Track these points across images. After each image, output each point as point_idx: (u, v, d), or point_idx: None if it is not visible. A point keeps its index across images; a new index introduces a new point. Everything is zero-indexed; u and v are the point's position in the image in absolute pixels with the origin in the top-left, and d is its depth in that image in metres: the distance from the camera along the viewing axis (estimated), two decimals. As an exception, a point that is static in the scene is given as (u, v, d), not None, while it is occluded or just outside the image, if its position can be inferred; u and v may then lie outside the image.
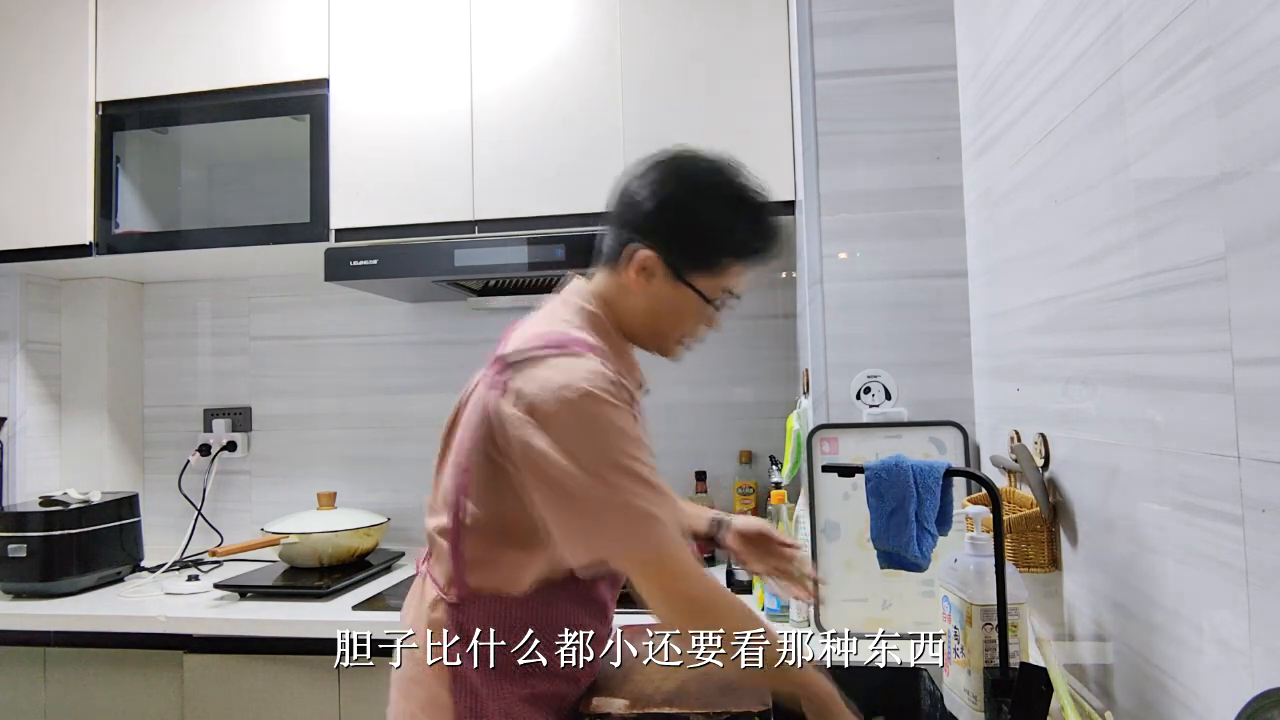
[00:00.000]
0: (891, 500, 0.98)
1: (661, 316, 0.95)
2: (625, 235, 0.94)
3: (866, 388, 1.39)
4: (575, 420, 0.81)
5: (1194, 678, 0.73)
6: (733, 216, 0.93)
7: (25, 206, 1.88)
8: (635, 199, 0.94)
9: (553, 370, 0.83)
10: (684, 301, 0.93)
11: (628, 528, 0.81)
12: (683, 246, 0.92)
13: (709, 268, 0.92)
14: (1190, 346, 0.71)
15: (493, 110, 1.72)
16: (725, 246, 0.92)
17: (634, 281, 0.93)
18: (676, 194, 0.92)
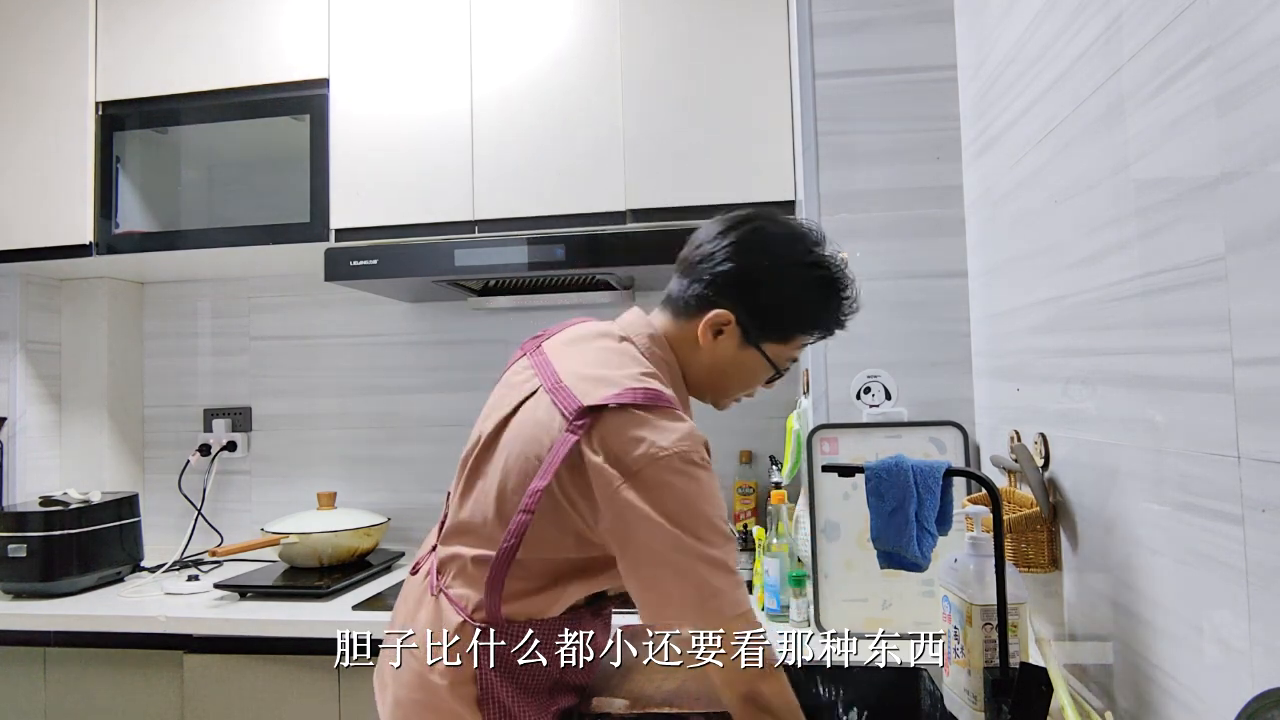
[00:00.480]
0: (891, 500, 0.98)
1: (725, 375, 0.96)
2: (700, 290, 0.92)
3: (866, 388, 1.39)
4: (676, 484, 0.80)
5: (1194, 678, 0.73)
6: (813, 294, 0.92)
7: (25, 206, 1.88)
8: (713, 258, 0.92)
9: (650, 430, 0.81)
10: (751, 365, 0.95)
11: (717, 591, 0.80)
12: (760, 314, 0.92)
13: (782, 339, 0.94)
14: (1190, 346, 0.71)
15: (493, 110, 1.72)
16: (802, 321, 0.94)
17: (704, 338, 0.93)
18: (760, 262, 0.91)
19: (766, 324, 0.92)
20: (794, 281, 0.91)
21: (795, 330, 0.94)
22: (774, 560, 1.42)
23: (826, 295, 0.92)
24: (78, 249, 1.85)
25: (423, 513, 2.07)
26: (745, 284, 0.91)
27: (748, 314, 0.91)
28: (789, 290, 0.91)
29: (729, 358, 0.94)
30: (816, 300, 0.92)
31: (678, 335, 0.95)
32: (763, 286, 0.91)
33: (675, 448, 0.80)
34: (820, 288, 0.92)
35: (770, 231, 0.93)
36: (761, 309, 0.91)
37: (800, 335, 0.94)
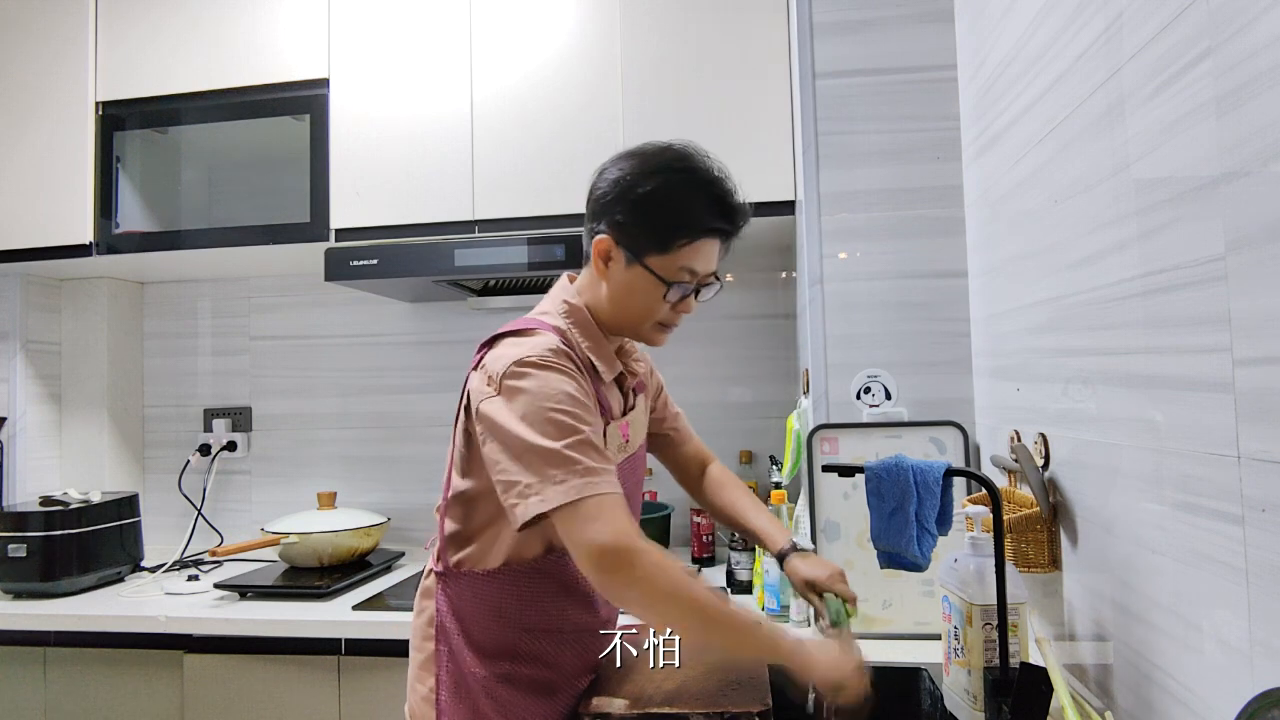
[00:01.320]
0: (891, 500, 0.98)
1: (626, 300, 0.96)
2: (591, 226, 0.98)
3: (866, 388, 1.39)
4: (522, 385, 0.86)
5: (1194, 678, 0.73)
6: (679, 194, 0.92)
7: (25, 206, 1.88)
8: (595, 190, 0.98)
9: (512, 346, 0.91)
10: (643, 283, 0.94)
11: (550, 473, 0.82)
12: (635, 228, 0.93)
13: (660, 247, 0.93)
14: (1190, 346, 0.71)
15: (493, 110, 1.72)
16: (671, 223, 0.92)
17: (599, 269, 0.96)
18: (624, 177, 0.94)
19: (640, 235, 0.92)
20: (655, 186, 0.91)
21: (669, 235, 0.92)
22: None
23: (690, 192, 0.92)
24: (78, 249, 1.86)
25: (423, 513, 2.07)
26: (612, 203, 0.93)
27: (623, 231, 0.93)
28: (653, 196, 0.91)
29: (621, 281, 0.95)
30: (681, 199, 0.92)
31: (587, 278, 1.00)
32: (628, 199, 0.92)
33: (526, 355, 0.88)
34: (682, 186, 0.92)
35: (636, 150, 0.96)
36: (632, 221, 0.92)
37: (677, 239, 0.92)
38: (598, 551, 0.81)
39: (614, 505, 0.83)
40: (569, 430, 0.84)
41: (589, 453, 0.84)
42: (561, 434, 0.84)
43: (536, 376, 0.87)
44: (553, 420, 0.84)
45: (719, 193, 0.93)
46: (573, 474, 0.82)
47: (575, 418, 0.85)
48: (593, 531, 0.81)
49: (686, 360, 2.03)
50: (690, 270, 0.94)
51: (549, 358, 0.88)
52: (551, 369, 0.88)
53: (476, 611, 0.95)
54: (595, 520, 0.81)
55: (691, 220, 0.92)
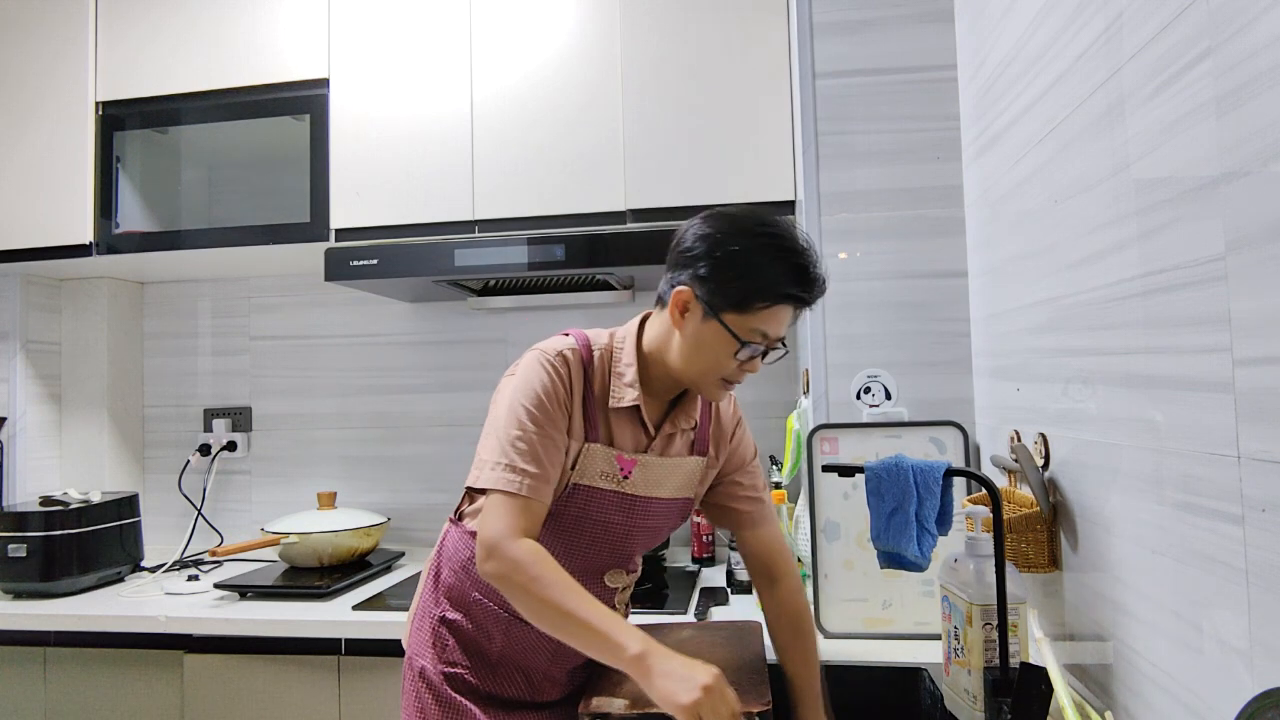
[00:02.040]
0: (891, 500, 0.98)
1: (696, 353, 0.99)
2: (671, 276, 1.01)
3: (866, 388, 1.39)
4: (516, 372, 1.02)
5: (1194, 678, 0.73)
6: (763, 258, 0.95)
7: (25, 206, 1.88)
8: (681, 243, 1.01)
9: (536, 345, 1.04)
10: (714, 338, 0.97)
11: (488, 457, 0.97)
12: (716, 285, 0.96)
13: (739, 307, 0.95)
14: (1190, 346, 0.71)
15: (493, 110, 1.72)
16: (753, 286, 0.94)
17: (674, 318, 1.00)
18: (713, 235, 0.97)
19: (720, 292, 0.95)
20: (742, 248, 0.95)
21: (749, 297, 0.94)
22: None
23: (774, 258, 0.94)
24: (78, 249, 1.85)
25: (423, 513, 2.08)
26: (699, 257, 0.97)
27: (702, 286, 0.96)
28: (739, 255, 0.95)
29: (694, 333, 0.99)
30: (764, 264, 0.94)
31: (660, 324, 1.04)
32: (713, 257, 0.96)
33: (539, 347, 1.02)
34: (767, 251, 0.94)
35: (727, 211, 1.00)
36: (714, 278, 0.96)
37: (755, 302, 0.94)
38: (481, 544, 0.94)
39: (511, 505, 0.95)
40: (518, 425, 0.97)
41: (521, 451, 0.96)
42: (512, 426, 0.97)
43: (527, 368, 1.00)
44: (514, 412, 0.97)
45: (803, 263, 0.96)
46: (498, 466, 0.96)
47: (530, 415, 0.97)
48: (487, 524, 0.94)
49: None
50: (763, 333, 0.97)
51: (548, 355, 0.99)
52: (541, 366, 0.98)
53: (455, 556, 1.08)
54: (490, 514, 0.94)
55: (773, 285, 0.95)
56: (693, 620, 1.42)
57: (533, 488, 0.95)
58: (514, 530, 0.94)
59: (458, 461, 2.07)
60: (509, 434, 0.97)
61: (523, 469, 0.95)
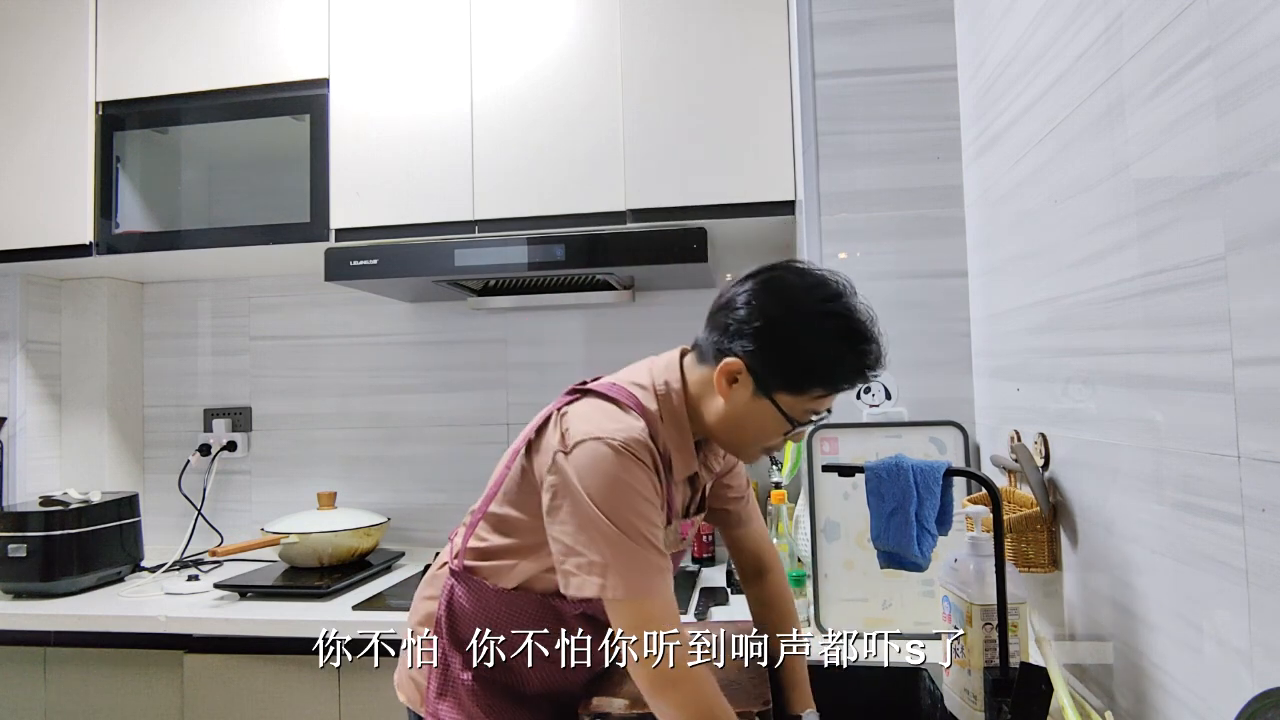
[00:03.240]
0: (891, 500, 0.98)
1: (740, 425, 0.93)
2: (718, 338, 0.92)
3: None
4: (604, 466, 0.84)
5: (1194, 678, 0.73)
6: (826, 344, 0.88)
7: (25, 206, 1.88)
8: (733, 307, 0.91)
9: (600, 413, 0.90)
10: (763, 415, 0.91)
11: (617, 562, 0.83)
12: (773, 366, 0.88)
13: (794, 389, 0.89)
14: (1190, 346, 0.71)
15: (493, 110, 1.72)
16: (814, 373, 0.88)
17: (720, 386, 0.91)
18: (774, 312, 0.88)
19: (777, 374, 0.88)
20: (806, 330, 0.87)
21: (807, 382, 0.88)
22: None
23: (840, 347, 0.87)
24: (78, 249, 1.85)
25: (423, 513, 2.08)
26: (756, 332, 0.88)
27: (759, 363, 0.88)
28: (801, 339, 0.87)
29: (742, 407, 0.91)
30: (829, 351, 0.87)
31: (702, 380, 0.95)
32: (773, 335, 0.88)
33: (610, 434, 0.85)
34: (834, 338, 0.87)
35: (788, 280, 0.90)
36: (772, 358, 0.88)
37: (813, 388, 0.88)
38: (649, 668, 0.83)
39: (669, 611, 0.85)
40: (642, 524, 0.84)
41: (653, 553, 0.85)
42: (634, 527, 0.84)
43: (619, 463, 0.85)
44: (630, 510, 0.84)
45: (866, 351, 0.88)
46: (634, 570, 0.83)
47: (645, 516, 0.85)
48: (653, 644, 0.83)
49: (686, 360, 2.02)
50: (815, 412, 0.92)
51: (632, 447, 0.85)
52: (634, 460, 0.85)
53: (474, 613, 0.99)
54: (654, 626, 0.83)
55: (834, 377, 0.89)
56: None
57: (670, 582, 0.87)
58: (685, 649, 0.85)
59: (458, 461, 2.07)
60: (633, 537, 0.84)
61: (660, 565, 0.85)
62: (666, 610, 0.85)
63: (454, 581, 1.00)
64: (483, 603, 0.98)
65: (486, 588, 0.98)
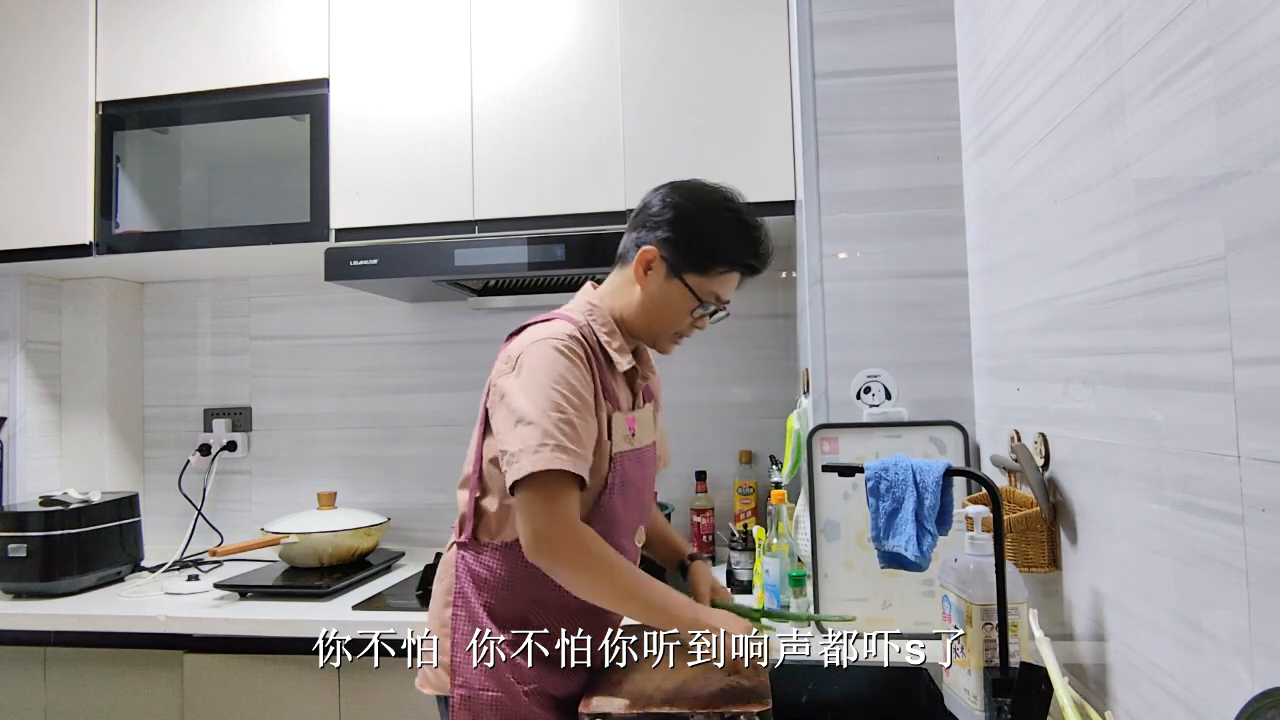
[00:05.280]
0: (891, 500, 0.98)
1: (657, 309, 1.08)
2: (638, 235, 1.09)
3: (866, 387, 1.39)
4: (531, 362, 0.99)
5: (1194, 678, 0.73)
6: (723, 229, 1.07)
7: (25, 206, 1.88)
8: (649, 207, 1.10)
9: (533, 331, 1.04)
10: (677, 297, 1.07)
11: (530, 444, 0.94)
12: (682, 249, 1.06)
13: (701, 269, 1.06)
14: (1190, 346, 0.71)
15: (493, 110, 1.72)
16: (715, 253, 1.06)
17: (638, 275, 1.07)
18: (682, 203, 1.07)
19: (685, 256, 1.06)
20: (709, 219, 1.06)
21: (711, 261, 1.06)
22: (774, 560, 1.42)
23: (735, 231, 1.07)
24: (78, 249, 1.85)
25: (423, 512, 2.08)
26: (668, 222, 1.06)
27: (670, 248, 1.06)
28: (705, 225, 1.06)
29: (657, 292, 1.07)
30: (726, 235, 1.06)
31: (618, 282, 1.11)
32: (682, 223, 1.06)
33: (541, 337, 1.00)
34: (730, 225, 1.07)
35: (693, 183, 1.11)
36: (681, 242, 1.06)
37: (715, 267, 1.06)
38: (538, 538, 0.94)
39: (566, 490, 0.95)
40: (556, 407, 0.95)
41: (566, 434, 0.94)
42: (550, 409, 0.95)
43: (545, 356, 0.98)
44: (548, 397, 0.96)
45: (758, 238, 1.09)
46: (545, 447, 0.93)
47: (565, 399, 0.96)
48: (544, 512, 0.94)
49: (687, 360, 2.02)
50: (717, 295, 1.08)
51: (561, 341, 0.99)
52: (560, 353, 0.98)
53: (491, 580, 1.04)
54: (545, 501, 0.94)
55: (733, 253, 1.07)
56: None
57: (582, 469, 0.96)
58: (575, 515, 0.96)
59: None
60: (551, 418, 0.94)
61: (573, 450, 0.94)
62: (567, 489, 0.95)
63: (462, 553, 1.07)
64: (497, 565, 1.04)
65: (494, 547, 1.04)
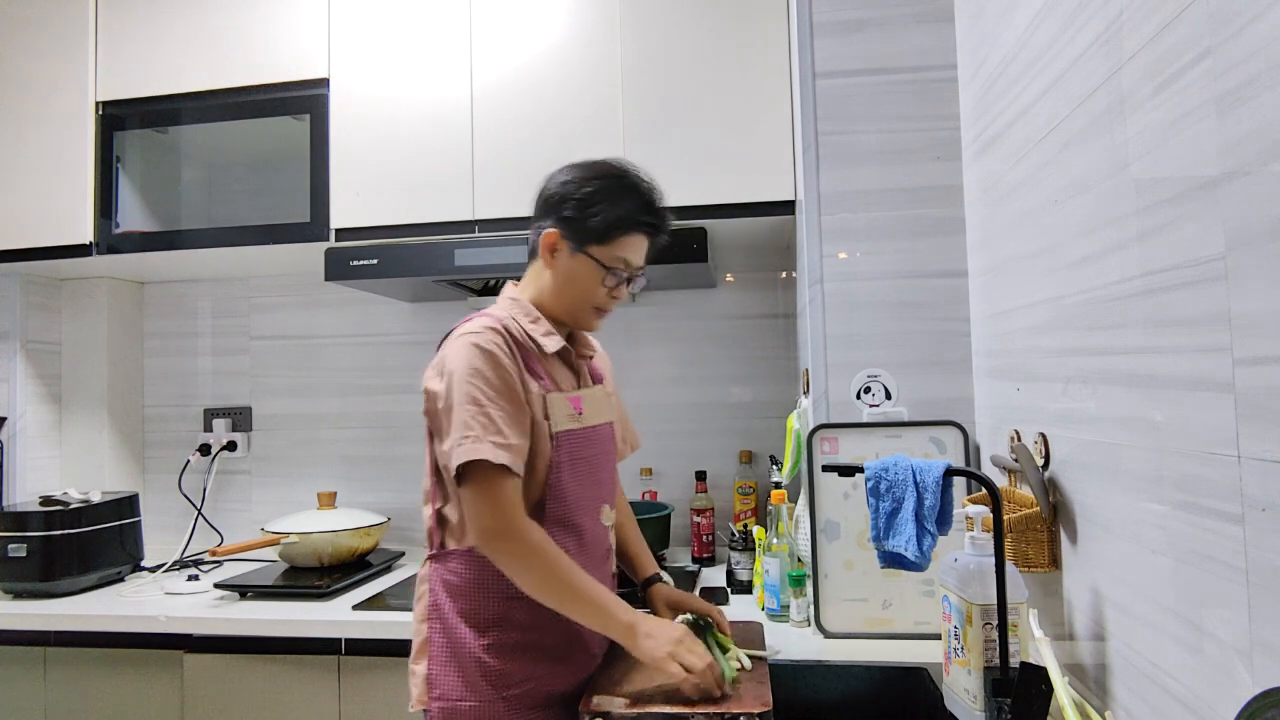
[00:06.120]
0: (891, 500, 0.98)
1: (569, 286, 1.11)
2: (538, 222, 1.13)
3: (866, 387, 1.39)
4: (451, 362, 1.01)
5: (1194, 678, 0.73)
6: (615, 193, 1.09)
7: (25, 206, 1.88)
8: (542, 194, 1.13)
9: (455, 332, 1.05)
10: (585, 270, 1.09)
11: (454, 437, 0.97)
12: (579, 224, 1.08)
13: (600, 239, 1.08)
14: (1190, 346, 0.71)
15: (493, 110, 1.72)
16: (613, 221, 1.08)
17: (545, 259, 1.11)
18: (569, 180, 1.11)
19: (584, 230, 1.08)
20: (597, 188, 1.09)
21: (608, 229, 1.08)
22: (774, 560, 1.42)
23: (624, 195, 1.09)
24: (78, 249, 1.86)
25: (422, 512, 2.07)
26: (560, 201, 1.10)
27: (568, 225, 1.09)
28: (593, 197, 1.08)
29: (566, 270, 1.10)
30: (617, 200, 1.08)
31: (532, 273, 1.14)
32: (572, 200, 1.09)
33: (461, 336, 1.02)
34: (617, 189, 1.09)
35: (579, 161, 1.14)
36: (577, 218, 1.08)
37: (613, 233, 1.08)
38: (481, 531, 0.97)
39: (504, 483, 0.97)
40: (472, 401, 0.98)
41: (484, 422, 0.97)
42: (466, 402, 0.97)
43: (461, 354, 1.00)
44: (465, 393, 0.98)
45: (649, 197, 1.11)
46: (467, 439, 0.96)
47: (481, 391, 0.98)
48: (488, 507, 0.96)
49: (687, 360, 2.03)
50: (625, 260, 1.10)
51: (478, 336, 1.01)
52: (476, 347, 1.00)
53: (464, 585, 1.04)
54: (487, 495, 0.96)
55: (628, 216, 1.09)
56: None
57: (515, 462, 0.98)
58: (519, 507, 0.98)
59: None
60: (468, 411, 0.97)
61: (491, 441, 0.96)
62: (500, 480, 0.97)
63: (434, 565, 1.08)
64: (468, 568, 1.04)
65: (462, 552, 1.04)
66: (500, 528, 0.97)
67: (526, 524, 0.98)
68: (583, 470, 1.09)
